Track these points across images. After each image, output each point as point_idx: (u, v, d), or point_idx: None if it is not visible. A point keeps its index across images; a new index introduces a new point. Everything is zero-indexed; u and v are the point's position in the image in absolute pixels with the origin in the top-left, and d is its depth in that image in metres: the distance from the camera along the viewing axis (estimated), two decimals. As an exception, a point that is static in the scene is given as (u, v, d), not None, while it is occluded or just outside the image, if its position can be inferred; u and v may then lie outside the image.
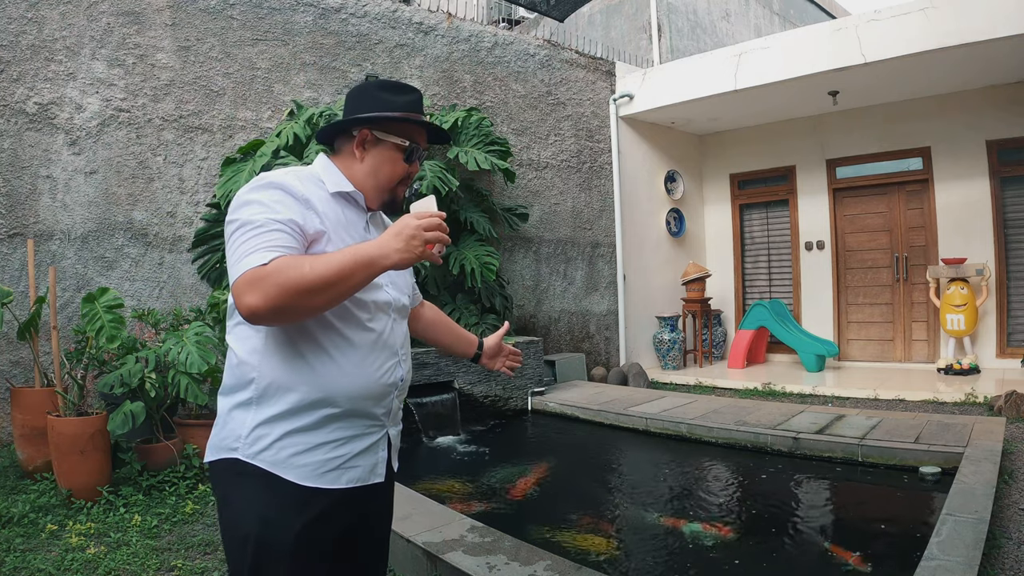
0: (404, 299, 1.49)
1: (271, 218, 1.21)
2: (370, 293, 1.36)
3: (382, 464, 1.41)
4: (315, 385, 1.29)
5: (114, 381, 3.61)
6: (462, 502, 3.61)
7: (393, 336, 1.42)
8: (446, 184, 5.33)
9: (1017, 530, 2.88)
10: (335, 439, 1.32)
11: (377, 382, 1.36)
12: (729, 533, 3.13)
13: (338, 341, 1.31)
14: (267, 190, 1.26)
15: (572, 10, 7.69)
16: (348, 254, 1.17)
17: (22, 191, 4.44)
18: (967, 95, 6.80)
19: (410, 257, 1.18)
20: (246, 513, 1.29)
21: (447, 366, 5.28)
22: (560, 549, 2.63)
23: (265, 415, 1.28)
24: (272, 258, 1.15)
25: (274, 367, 1.29)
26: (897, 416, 4.66)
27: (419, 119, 1.45)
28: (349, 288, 1.17)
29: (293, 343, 1.29)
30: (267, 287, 1.12)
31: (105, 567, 2.74)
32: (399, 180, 1.45)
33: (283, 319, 1.20)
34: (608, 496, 3.87)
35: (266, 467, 1.27)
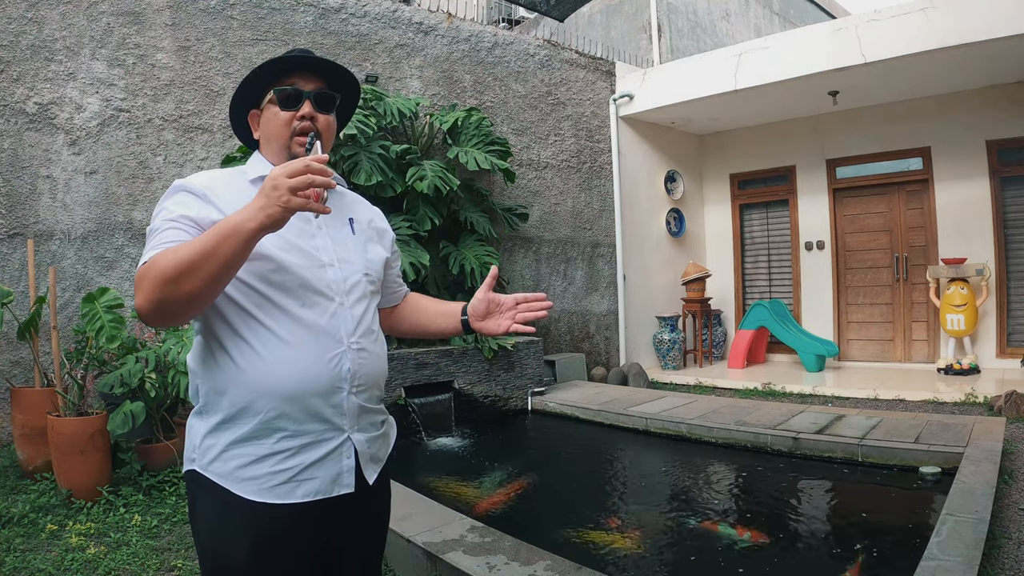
0: (357, 277, 1.33)
1: (165, 219, 1.18)
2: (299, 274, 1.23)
3: (348, 474, 1.27)
4: (243, 385, 1.19)
5: (114, 381, 3.61)
6: (461, 502, 3.61)
7: (337, 322, 1.26)
8: (446, 184, 5.33)
9: (1017, 530, 2.88)
10: (283, 449, 1.21)
11: (316, 377, 1.21)
12: (742, 533, 3.13)
13: (262, 333, 1.20)
14: (171, 195, 1.24)
15: (572, 10, 7.71)
16: (213, 229, 1.06)
17: (22, 191, 4.44)
18: (967, 95, 6.80)
19: (276, 211, 1.03)
20: (203, 527, 1.25)
21: (447, 366, 5.28)
22: (560, 548, 2.63)
23: (211, 424, 1.23)
24: (152, 255, 1.10)
25: (210, 372, 1.23)
26: (897, 416, 4.66)
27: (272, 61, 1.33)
28: (220, 264, 1.04)
29: (220, 342, 1.22)
30: (144, 285, 1.07)
31: (105, 567, 2.74)
32: (291, 133, 1.31)
33: (169, 314, 1.10)
34: (608, 495, 3.87)
35: (216, 480, 1.21)
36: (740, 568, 2.75)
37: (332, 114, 1.37)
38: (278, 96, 1.32)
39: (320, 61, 1.36)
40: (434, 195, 5.37)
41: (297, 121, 1.31)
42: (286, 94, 1.31)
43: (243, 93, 1.37)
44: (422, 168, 5.32)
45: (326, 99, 1.35)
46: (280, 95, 1.32)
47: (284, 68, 1.33)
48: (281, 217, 1.04)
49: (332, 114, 1.37)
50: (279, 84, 1.32)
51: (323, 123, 1.34)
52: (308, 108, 1.31)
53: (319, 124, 1.33)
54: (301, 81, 1.33)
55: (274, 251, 1.22)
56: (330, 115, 1.37)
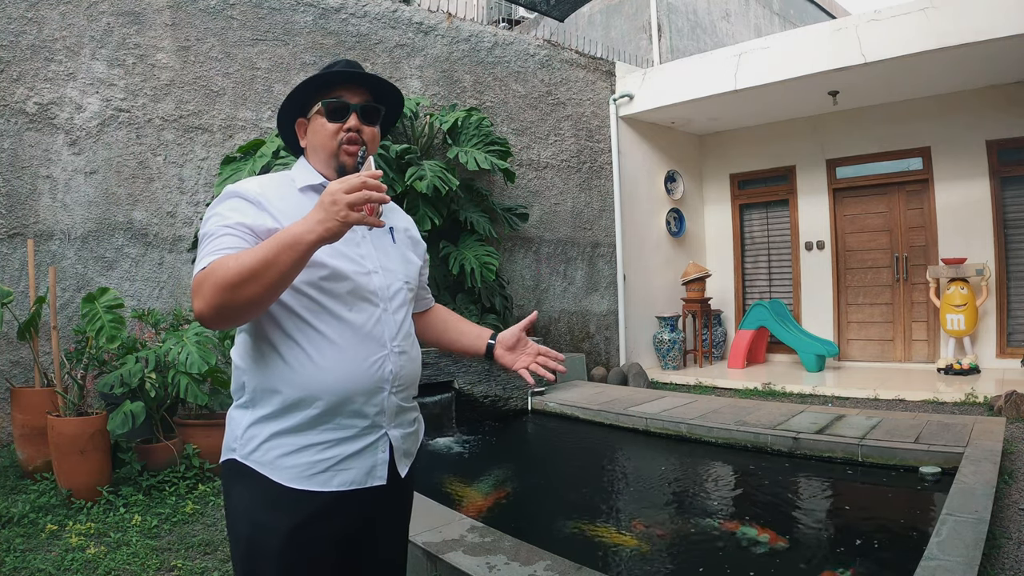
0: (399, 284, 1.40)
1: (221, 225, 1.23)
2: (347, 281, 1.30)
3: (382, 467, 1.35)
4: (295, 384, 1.26)
5: (114, 381, 3.61)
6: (462, 502, 3.61)
7: (381, 327, 1.33)
8: (446, 184, 5.33)
9: (1017, 530, 2.88)
10: (324, 441, 1.28)
11: (361, 378, 1.29)
12: (736, 528, 3.13)
13: (312, 336, 1.27)
14: (225, 200, 1.28)
15: (572, 10, 7.71)
16: (273, 239, 1.11)
17: (22, 191, 4.44)
18: (967, 95, 6.80)
19: (334, 226, 1.08)
20: (239, 513, 1.31)
21: (447, 366, 5.28)
22: (560, 548, 2.63)
23: (256, 416, 1.30)
24: (211, 261, 1.15)
25: (259, 369, 1.30)
26: (897, 416, 4.66)
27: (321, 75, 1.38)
28: (280, 273, 1.10)
29: (272, 343, 1.28)
30: (205, 289, 1.12)
31: (105, 567, 2.74)
32: (338, 143, 1.37)
33: (228, 319, 1.16)
34: (608, 495, 3.87)
35: (256, 468, 1.28)
36: (740, 567, 2.75)
37: (377, 126, 1.42)
38: (326, 108, 1.37)
39: (367, 76, 1.41)
40: (433, 195, 5.37)
41: (343, 133, 1.36)
42: (333, 107, 1.36)
43: (292, 102, 1.42)
44: (421, 168, 5.33)
45: (372, 112, 1.40)
46: (328, 107, 1.37)
47: (332, 81, 1.39)
48: (339, 231, 1.09)
49: (377, 126, 1.42)
50: (327, 96, 1.37)
51: (368, 135, 1.39)
52: (354, 121, 1.36)
53: (365, 136, 1.38)
54: (348, 94, 1.38)
55: (325, 258, 1.27)
56: (375, 127, 1.41)
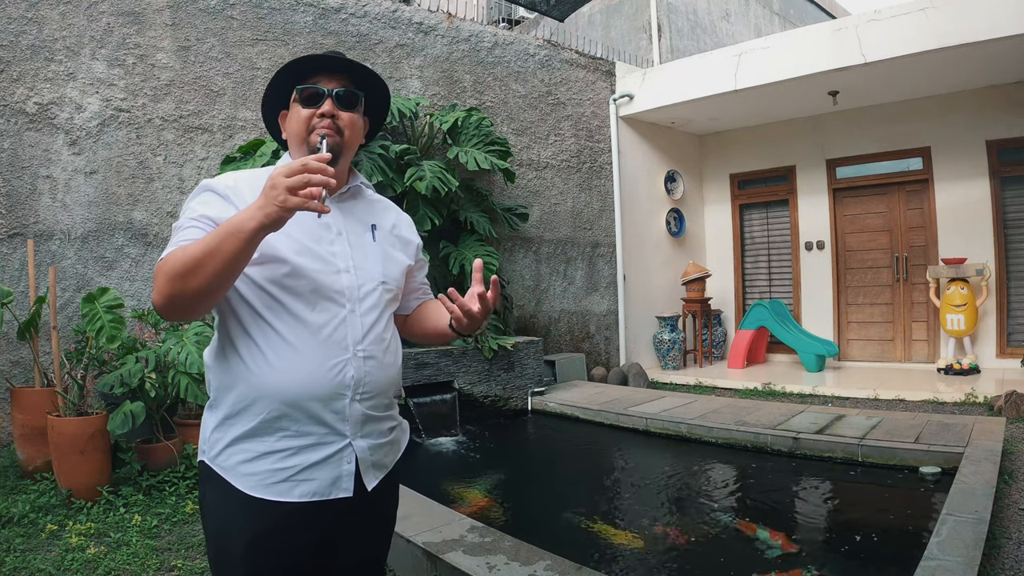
0: (372, 285, 1.33)
1: (188, 218, 1.22)
2: (309, 279, 1.25)
3: (348, 478, 1.27)
4: (249, 384, 1.23)
5: (114, 381, 3.61)
6: (461, 502, 3.61)
7: (345, 330, 1.27)
8: (446, 184, 5.33)
9: (1017, 530, 2.88)
10: (284, 448, 1.23)
11: (317, 382, 1.23)
12: (752, 529, 3.13)
13: (270, 335, 1.23)
14: (197, 195, 1.27)
15: (572, 10, 7.70)
16: (218, 228, 1.09)
17: (22, 191, 4.44)
18: (967, 95, 6.80)
19: (274, 211, 1.04)
20: (209, 515, 1.30)
21: (447, 366, 5.28)
22: (560, 548, 2.63)
23: (218, 418, 1.27)
24: (168, 252, 1.14)
25: (221, 368, 1.28)
26: (897, 416, 4.66)
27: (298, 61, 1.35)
28: (223, 262, 1.06)
29: (232, 341, 1.25)
30: (159, 280, 1.12)
31: (105, 567, 2.74)
32: (308, 130, 1.32)
33: (181, 309, 1.13)
34: (608, 495, 3.87)
35: (221, 473, 1.25)
36: (740, 567, 2.75)
37: (356, 112, 1.37)
38: (300, 94, 1.34)
39: (344, 61, 1.37)
40: (433, 195, 5.37)
41: (317, 119, 1.31)
42: (308, 92, 1.33)
43: (272, 94, 1.40)
44: (421, 168, 5.32)
45: (349, 97, 1.35)
46: (302, 93, 1.33)
47: (309, 68, 1.35)
48: (279, 216, 1.05)
49: (356, 112, 1.37)
50: (304, 83, 1.34)
51: (346, 120, 1.34)
52: (329, 106, 1.32)
53: (342, 122, 1.33)
54: (325, 80, 1.34)
55: (289, 254, 1.24)
56: (354, 113, 1.36)
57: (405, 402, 4.97)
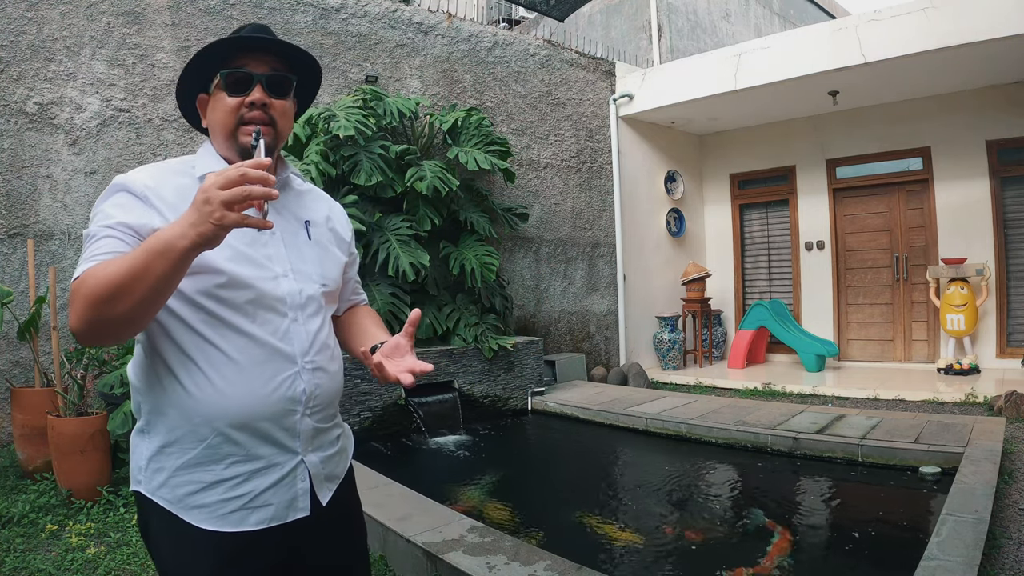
0: (312, 289, 1.21)
1: (103, 225, 1.07)
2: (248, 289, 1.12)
3: (304, 497, 1.19)
4: (188, 409, 1.10)
5: (114, 381, 3.61)
6: (463, 501, 3.61)
7: (290, 340, 1.16)
8: (446, 184, 5.33)
9: (1017, 530, 2.88)
10: (233, 476, 1.12)
11: (267, 400, 1.12)
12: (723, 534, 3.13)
13: (211, 353, 1.10)
14: (110, 195, 1.12)
15: (572, 10, 7.69)
16: (144, 245, 0.94)
17: (22, 191, 4.44)
18: (967, 95, 6.80)
19: (207, 230, 0.90)
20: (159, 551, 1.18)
21: (447, 366, 5.28)
22: (561, 546, 2.63)
23: (155, 445, 1.14)
24: (84, 270, 1.00)
25: (154, 391, 1.14)
26: (897, 416, 4.66)
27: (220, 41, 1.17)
28: (151, 286, 0.93)
29: (165, 362, 1.12)
30: (76, 303, 0.97)
31: (105, 567, 2.74)
32: (236, 122, 1.17)
33: (104, 336, 1.01)
34: (608, 496, 3.87)
35: (166, 506, 1.13)
36: (739, 567, 2.75)
37: (288, 99, 1.22)
38: (225, 80, 1.17)
39: (273, 41, 1.21)
40: (433, 195, 5.37)
41: (246, 108, 1.17)
42: (235, 77, 1.16)
43: (189, 77, 1.23)
44: (421, 168, 5.32)
45: (281, 83, 1.20)
46: (228, 79, 1.17)
47: (233, 49, 1.18)
48: (215, 235, 0.92)
49: (288, 99, 1.22)
50: (227, 66, 1.18)
51: (278, 109, 1.19)
52: (259, 93, 1.17)
53: (274, 111, 1.19)
54: (253, 63, 1.18)
55: (223, 263, 1.10)
56: (286, 100, 1.21)
57: (406, 402, 4.98)
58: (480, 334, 5.52)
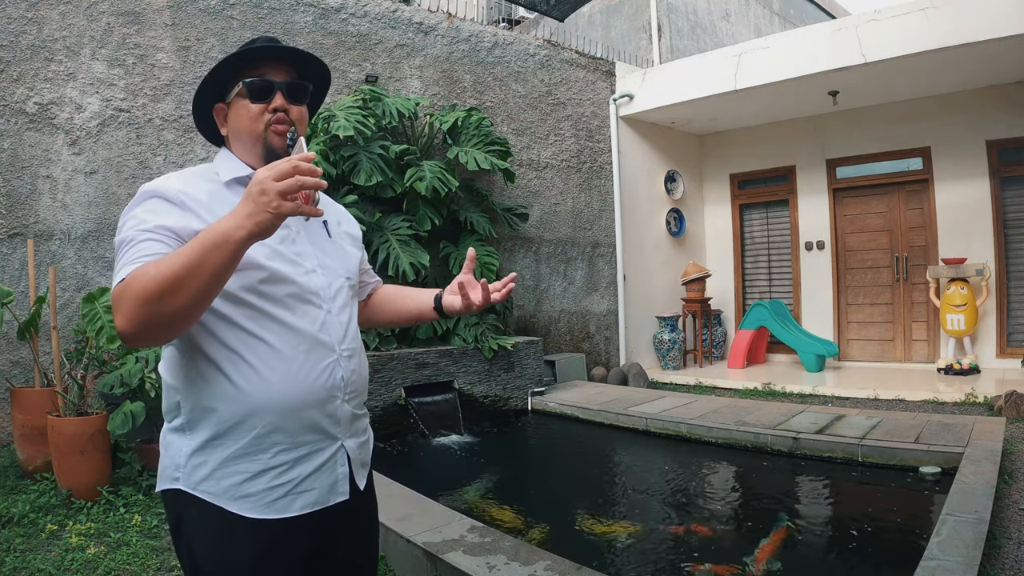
0: (340, 282, 1.30)
1: (141, 230, 1.09)
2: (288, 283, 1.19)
3: (343, 481, 1.26)
4: (237, 401, 1.14)
5: (114, 381, 3.61)
6: (463, 501, 3.61)
7: (328, 330, 1.23)
8: (446, 184, 5.33)
9: (1017, 530, 2.88)
10: (279, 464, 1.17)
11: (312, 387, 1.19)
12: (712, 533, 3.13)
13: (256, 346, 1.15)
14: (143, 201, 1.15)
15: (572, 10, 7.70)
16: (197, 240, 0.98)
17: (22, 191, 4.44)
18: (967, 95, 6.80)
19: (265, 219, 0.96)
20: (196, 548, 1.20)
21: (447, 366, 5.28)
22: (561, 546, 2.63)
23: (198, 441, 1.17)
24: (129, 272, 1.02)
25: (196, 386, 1.17)
26: (897, 416, 4.66)
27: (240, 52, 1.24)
28: (208, 278, 0.98)
29: (209, 358, 1.15)
30: (124, 305, 0.99)
31: (105, 567, 2.74)
32: (263, 125, 1.24)
33: (154, 335, 1.03)
34: (608, 496, 3.87)
35: (208, 499, 1.16)
36: (740, 567, 2.75)
37: (304, 104, 1.31)
38: (248, 88, 1.24)
39: (289, 50, 1.29)
40: (433, 196, 5.37)
41: (269, 114, 1.24)
42: (257, 86, 1.23)
43: (208, 86, 1.28)
44: (421, 169, 5.32)
45: (298, 90, 1.28)
46: (250, 87, 1.24)
47: (252, 58, 1.26)
48: (271, 224, 0.98)
49: (304, 104, 1.31)
50: (247, 75, 1.24)
51: (296, 114, 1.27)
52: (280, 100, 1.24)
53: (292, 115, 1.26)
54: (271, 71, 1.25)
55: (263, 260, 1.16)
56: (303, 106, 1.30)
57: (406, 402, 4.98)
58: (480, 334, 5.52)
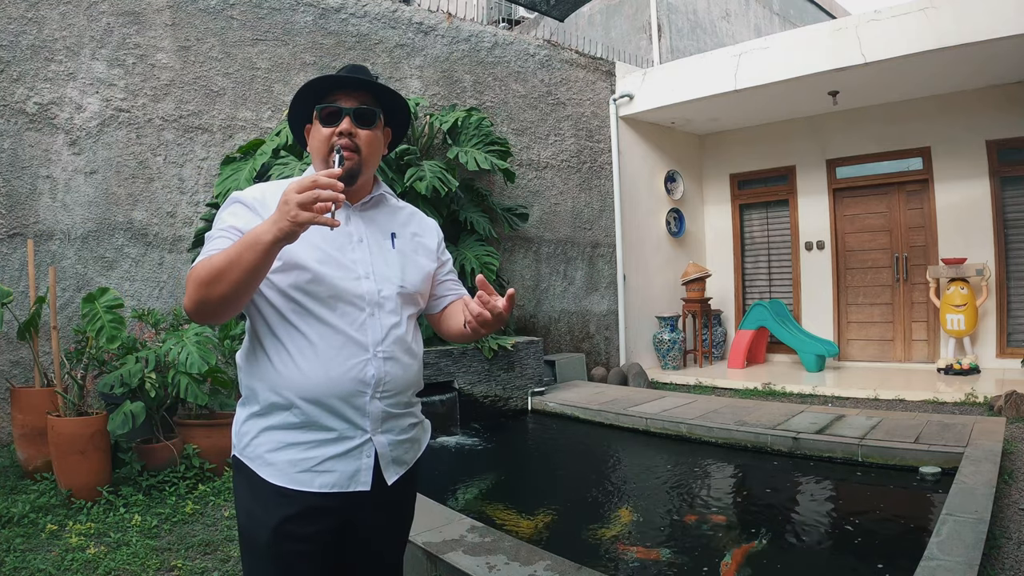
0: (389, 290, 1.40)
1: (219, 228, 1.31)
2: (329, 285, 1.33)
3: (366, 472, 1.35)
4: (276, 384, 1.32)
5: (114, 381, 3.61)
6: (463, 501, 3.61)
7: (366, 331, 1.35)
8: (445, 184, 5.33)
9: (1017, 530, 2.88)
10: (306, 440, 1.32)
11: (339, 380, 1.31)
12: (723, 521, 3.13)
13: (296, 337, 1.32)
14: (228, 206, 1.36)
15: (572, 10, 7.70)
16: (240, 240, 1.18)
17: (22, 191, 4.44)
18: (967, 95, 6.80)
19: (286, 226, 1.11)
20: (239, 505, 1.40)
21: (447, 366, 5.28)
22: (561, 546, 2.63)
23: (248, 413, 1.37)
24: (198, 260, 1.23)
25: (252, 368, 1.37)
26: (897, 416, 4.66)
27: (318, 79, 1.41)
28: (244, 272, 1.15)
29: (262, 344, 1.35)
30: (189, 287, 1.21)
31: (105, 567, 2.74)
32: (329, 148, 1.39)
33: (207, 314, 1.23)
34: (608, 495, 3.87)
35: (248, 463, 1.35)
36: (740, 567, 2.75)
37: (374, 129, 1.42)
38: (319, 113, 1.40)
39: (361, 81, 1.41)
40: (433, 196, 5.37)
41: (336, 137, 1.37)
42: (327, 111, 1.39)
43: (297, 108, 1.46)
44: (421, 168, 5.33)
45: (366, 115, 1.40)
46: (321, 112, 1.39)
47: (330, 86, 1.41)
48: (291, 231, 1.11)
49: (374, 129, 1.42)
50: (323, 102, 1.40)
51: (364, 138, 1.39)
52: (347, 124, 1.37)
53: (360, 140, 1.38)
54: (344, 98, 1.40)
55: (311, 263, 1.32)
56: (371, 130, 1.41)
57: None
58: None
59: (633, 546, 3.01)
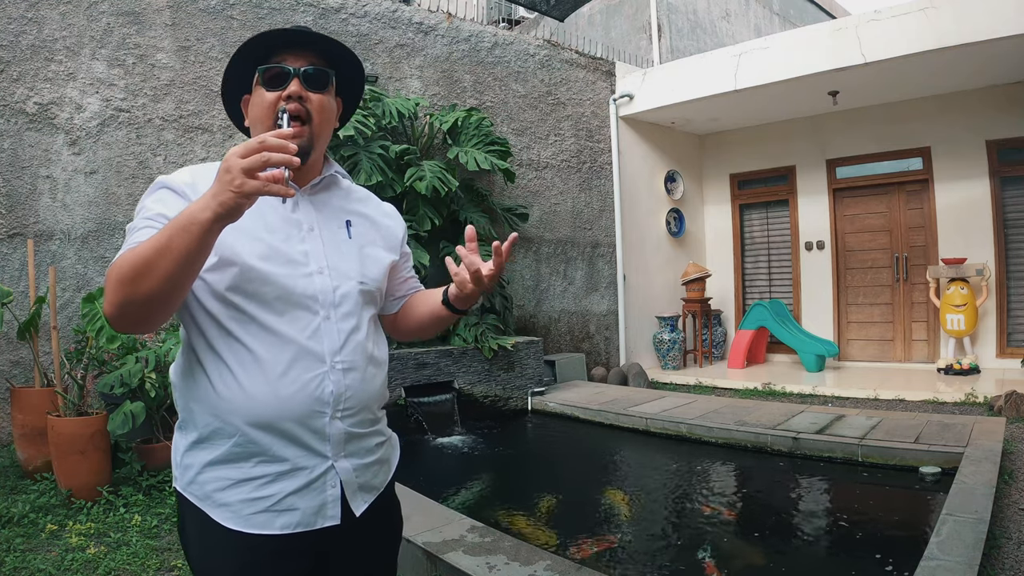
0: (349, 287, 1.19)
1: (142, 218, 1.08)
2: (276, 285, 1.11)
3: (333, 505, 1.15)
4: (217, 407, 1.10)
5: (114, 381, 3.61)
6: (463, 501, 3.61)
7: (321, 339, 1.13)
8: (445, 184, 5.33)
9: (1017, 530, 2.88)
10: (260, 475, 1.10)
11: (291, 400, 1.09)
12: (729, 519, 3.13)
13: (237, 350, 1.09)
14: (152, 192, 1.14)
15: (572, 10, 7.71)
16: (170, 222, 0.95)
17: (22, 191, 4.44)
18: (967, 95, 6.80)
19: (228, 198, 0.89)
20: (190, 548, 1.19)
21: (447, 366, 5.28)
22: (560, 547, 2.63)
23: (188, 441, 1.15)
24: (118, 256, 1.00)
25: (187, 385, 1.15)
26: (897, 416, 4.66)
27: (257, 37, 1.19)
28: (175, 261, 0.92)
29: (198, 357, 1.13)
30: (108, 287, 0.98)
31: (105, 567, 2.74)
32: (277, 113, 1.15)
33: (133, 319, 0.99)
34: (608, 495, 3.86)
35: (195, 502, 1.14)
36: (740, 567, 2.75)
37: (327, 93, 1.21)
38: (263, 76, 1.18)
39: (310, 35, 1.20)
40: (433, 196, 5.37)
41: (283, 102, 1.16)
42: (272, 73, 1.17)
43: (232, 78, 1.24)
44: (421, 168, 5.33)
45: (318, 77, 1.19)
46: (266, 74, 1.17)
47: (271, 46, 1.19)
48: (236, 204, 0.90)
49: (327, 93, 1.21)
50: (266, 63, 1.19)
51: (316, 103, 1.18)
52: (296, 86, 1.16)
53: (311, 104, 1.18)
54: (290, 59, 1.18)
55: (251, 258, 1.10)
56: (324, 94, 1.20)
57: (406, 402, 4.98)
58: (480, 334, 5.52)
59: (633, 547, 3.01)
